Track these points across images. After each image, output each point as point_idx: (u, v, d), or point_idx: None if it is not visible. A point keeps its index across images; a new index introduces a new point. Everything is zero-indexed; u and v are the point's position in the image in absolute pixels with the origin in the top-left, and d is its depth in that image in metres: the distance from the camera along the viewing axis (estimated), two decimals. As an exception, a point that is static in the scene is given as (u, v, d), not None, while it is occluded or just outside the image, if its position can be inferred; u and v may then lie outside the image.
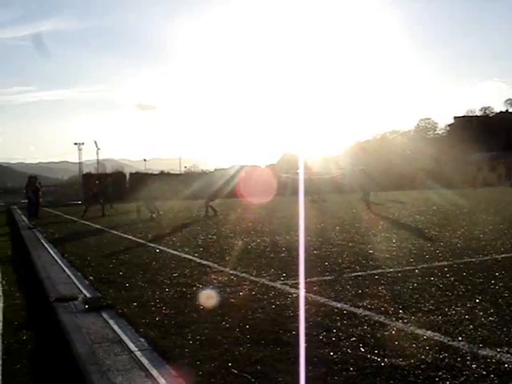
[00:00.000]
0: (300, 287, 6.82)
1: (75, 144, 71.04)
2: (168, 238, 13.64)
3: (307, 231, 12.98)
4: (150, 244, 12.65)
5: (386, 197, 28.71)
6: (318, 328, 5.02)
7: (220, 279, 7.76)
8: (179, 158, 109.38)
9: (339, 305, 5.92)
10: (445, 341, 4.51)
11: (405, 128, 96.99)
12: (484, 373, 3.77)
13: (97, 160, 74.39)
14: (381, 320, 5.25)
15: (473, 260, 8.67)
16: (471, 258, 8.82)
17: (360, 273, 7.85)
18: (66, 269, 9.45)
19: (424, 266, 8.21)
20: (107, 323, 5.64)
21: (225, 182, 34.60)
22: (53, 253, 11.77)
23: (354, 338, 4.67)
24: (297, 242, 11.18)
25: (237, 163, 55.49)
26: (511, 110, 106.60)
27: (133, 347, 4.75)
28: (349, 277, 7.56)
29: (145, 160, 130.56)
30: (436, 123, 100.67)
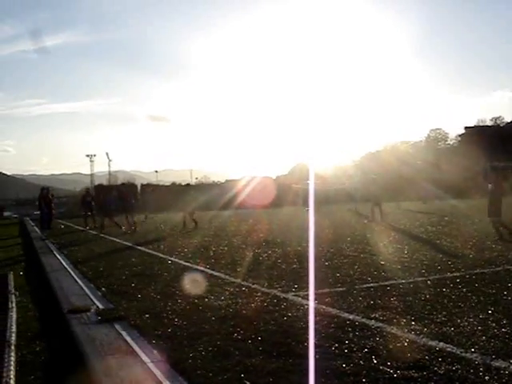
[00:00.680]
0: (312, 299, 6.82)
1: (87, 156, 71.79)
2: (180, 250, 13.67)
3: (318, 242, 12.95)
4: (162, 255, 12.71)
5: (398, 206, 28.60)
6: (330, 339, 5.02)
7: (232, 291, 7.78)
8: (190, 170, 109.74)
9: (351, 316, 5.92)
10: (457, 352, 4.50)
11: (416, 138, 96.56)
12: (497, 385, 3.76)
13: (108, 171, 74.97)
14: (393, 331, 5.24)
15: (485, 271, 8.60)
16: (483, 269, 8.75)
17: (372, 284, 7.83)
18: (79, 280, 9.53)
19: (436, 277, 8.18)
20: (120, 335, 5.68)
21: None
22: (65, 264, 11.87)
23: (367, 350, 4.67)
24: (308, 253, 11.18)
25: (248, 174, 55.50)
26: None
27: (146, 359, 4.77)
28: (361, 288, 7.54)
29: (156, 171, 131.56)
30: (447, 133, 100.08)
